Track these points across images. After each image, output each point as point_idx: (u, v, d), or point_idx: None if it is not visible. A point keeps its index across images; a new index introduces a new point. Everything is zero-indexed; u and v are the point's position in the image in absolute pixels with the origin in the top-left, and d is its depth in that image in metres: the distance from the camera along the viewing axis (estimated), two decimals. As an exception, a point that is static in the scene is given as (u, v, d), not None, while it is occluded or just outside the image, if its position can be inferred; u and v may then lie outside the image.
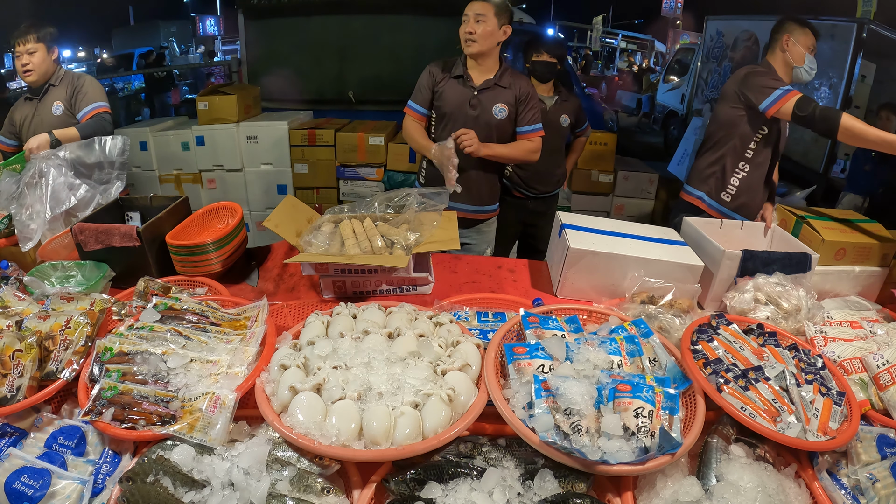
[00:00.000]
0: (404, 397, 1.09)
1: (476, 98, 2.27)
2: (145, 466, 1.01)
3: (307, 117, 4.41)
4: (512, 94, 2.28)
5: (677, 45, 14.06)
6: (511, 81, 2.29)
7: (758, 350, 1.29)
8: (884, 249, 1.77)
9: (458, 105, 2.29)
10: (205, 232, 1.90)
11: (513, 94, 2.28)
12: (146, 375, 1.17)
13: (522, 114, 2.30)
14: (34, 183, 1.96)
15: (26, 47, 2.37)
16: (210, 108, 3.95)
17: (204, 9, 19.15)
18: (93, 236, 1.70)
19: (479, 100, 2.27)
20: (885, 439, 1.14)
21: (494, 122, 2.28)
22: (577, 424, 1.03)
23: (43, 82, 2.47)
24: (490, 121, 2.27)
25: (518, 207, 3.02)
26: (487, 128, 2.28)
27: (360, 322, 1.35)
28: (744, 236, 1.97)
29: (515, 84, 2.29)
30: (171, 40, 16.35)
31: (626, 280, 1.66)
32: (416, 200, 1.83)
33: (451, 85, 2.31)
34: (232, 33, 16.51)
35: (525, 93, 2.29)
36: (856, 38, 4.35)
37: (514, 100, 2.28)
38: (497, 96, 2.27)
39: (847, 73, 4.42)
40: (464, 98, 2.28)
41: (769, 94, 2.01)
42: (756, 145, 2.18)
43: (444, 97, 2.31)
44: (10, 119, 2.58)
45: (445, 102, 2.31)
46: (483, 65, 2.28)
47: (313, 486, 1.01)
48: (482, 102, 2.27)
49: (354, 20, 4.61)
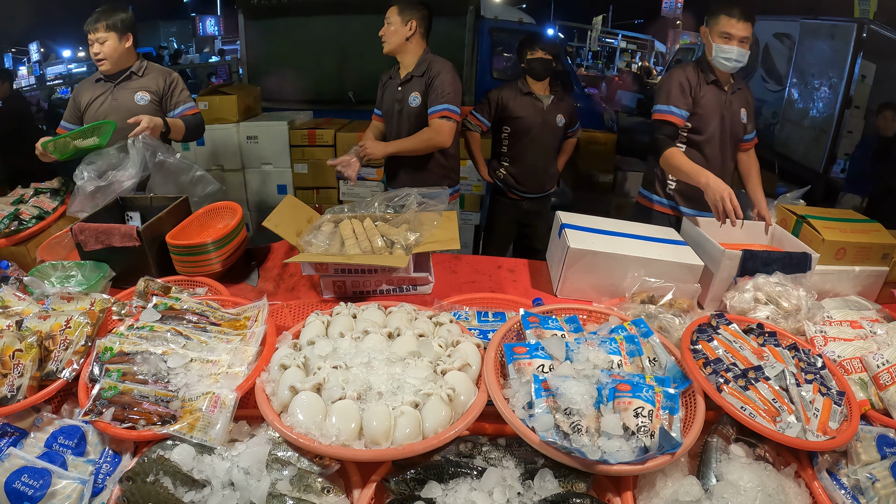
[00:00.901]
0: (404, 397, 1.09)
1: (400, 92, 2.41)
2: (145, 466, 1.01)
3: (307, 117, 4.41)
4: (423, 81, 2.35)
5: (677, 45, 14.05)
6: (426, 68, 2.35)
7: (758, 350, 1.29)
8: (884, 249, 1.77)
9: (390, 103, 2.47)
10: (205, 232, 1.90)
11: (424, 81, 2.35)
12: (146, 375, 1.17)
13: (431, 96, 2.34)
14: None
15: (96, 36, 2.29)
16: (210, 108, 3.94)
17: (204, 9, 19.13)
18: (93, 236, 1.70)
19: (402, 94, 2.40)
20: (884, 439, 1.14)
21: (414, 111, 2.38)
22: (577, 424, 1.03)
23: (119, 69, 2.37)
24: (410, 112, 2.39)
25: (513, 208, 3.03)
26: (409, 119, 2.40)
27: (360, 322, 1.35)
28: (744, 236, 1.97)
29: (430, 69, 2.35)
30: (170, 40, 16.36)
31: (626, 280, 1.66)
32: (416, 200, 1.83)
33: (388, 85, 2.49)
34: (232, 33, 16.50)
35: (434, 74, 2.33)
36: (856, 38, 4.34)
37: (424, 86, 2.35)
38: (413, 86, 2.37)
39: (847, 73, 4.42)
40: (392, 95, 2.44)
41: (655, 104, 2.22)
42: (684, 140, 2.25)
43: (383, 98, 2.52)
44: (75, 102, 2.45)
45: (384, 102, 2.51)
46: (404, 60, 2.40)
47: (313, 485, 1.01)
48: (404, 95, 2.39)
49: (354, 20, 4.61)
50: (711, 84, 2.18)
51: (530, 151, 2.88)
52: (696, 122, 2.19)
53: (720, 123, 2.20)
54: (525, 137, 2.86)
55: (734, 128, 2.23)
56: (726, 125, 2.21)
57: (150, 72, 2.43)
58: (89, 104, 2.39)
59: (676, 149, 2.12)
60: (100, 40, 2.29)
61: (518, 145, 2.89)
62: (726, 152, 2.26)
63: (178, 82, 2.46)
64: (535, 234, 3.02)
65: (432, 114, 2.31)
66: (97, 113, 2.36)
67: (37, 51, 12.67)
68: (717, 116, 2.19)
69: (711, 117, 2.18)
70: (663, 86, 2.23)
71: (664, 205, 2.37)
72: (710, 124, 2.19)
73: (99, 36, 2.28)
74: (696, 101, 2.17)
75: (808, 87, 4.83)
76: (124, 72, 2.38)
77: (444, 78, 2.31)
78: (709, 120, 2.18)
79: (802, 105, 4.92)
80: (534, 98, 2.81)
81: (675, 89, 2.16)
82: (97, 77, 2.42)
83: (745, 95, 2.27)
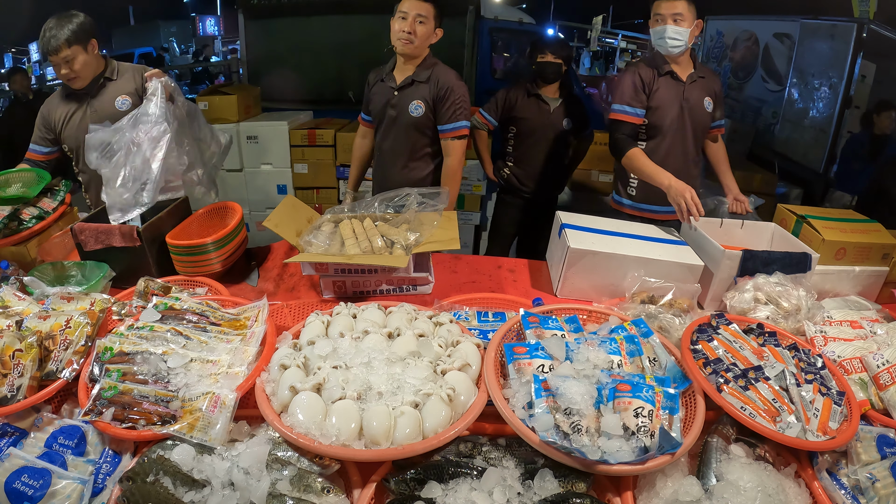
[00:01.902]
0: (404, 397, 1.09)
1: (396, 97, 2.22)
2: (145, 466, 1.01)
3: (307, 117, 4.41)
4: (429, 90, 2.17)
5: (677, 45, 14.02)
6: (430, 75, 2.18)
7: (758, 350, 1.29)
8: (884, 249, 1.77)
9: (381, 108, 2.27)
10: (205, 232, 1.90)
11: (430, 90, 2.17)
12: (146, 375, 1.17)
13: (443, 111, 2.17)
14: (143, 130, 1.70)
15: (61, 56, 2.01)
16: (210, 109, 3.94)
17: (204, 9, 19.13)
18: (93, 236, 1.70)
19: (399, 99, 2.22)
20: (884, 439, 1.14)
21: (412, 121, 2.21)
22: (577, 424, 1.03)
23: (92, 80, 2.15)
24: (409, 121, 2.22)
25: (517, 208, 3.03)
26: (405, 129, 2.24)
27: (359, 322, 1.35)
28: (744, 236, 1.97)
29: (438, 78, 2.17)
30: (171, 41, 16.35)
31: (626, 280, 1.66)
32: (416, 200, 1.83)
33: (378, 87, 2.30)
34: (232, 33, 16.50)
35: (445, 85, 2.16)
36: (856, 38, 4.34)
37: (431, 96, 2.17)
38: (415, 93, 2.20)
39: (847, 73, 4.41)
40: (386, 99, 2.25)
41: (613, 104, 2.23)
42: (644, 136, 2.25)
43: (371, 100, 2.32)
44: (44, 121, 2.19)
45: (373, 105, 2.32)
46: (408, 63, 2.21)
47: (313, 485, 1.01)
48: (402, 102, 2.22)
49: (354, 20, 4.61)
50: (666, 76, 2.18)
51: (535, 152, 2.89)
52: (653, 116, 2.20)
53: (679, 115, 2.20)
54: (530, 138, 2.87)
55: (696, 117, 2.22)
56: (686, 116, 2.20)
57: (122, 72, 2.22)
58: (65, 121, 2.18)
59: (638, 149, 2.14)
60: (66, 59, 2.02)
61: (523, 146, 2.90)
62: (688, 143, 2.25)
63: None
64: (538, 235, 3.02)
65: (449, 131, 2.19)
66: (78, 128, 2.15)
67: (37, 51, 12.67)
68: (675, 108, 2.19)
69: (668, 109, 2.18)
70: (617, 86, 2.25)
71: (632, 207, 2.37)
72: (667, 117, 2.19)
73: (64, 55, 2.01)
74: (651, 95, 2.18)
75: (808, 87, 4.82)
76: (97, 80, 2.16)
77: (459, 92, 2.17)
78: (665, 112, 2.19)
79: (802, 105, 4.92)
80: (540, 100, 2.82)
81: (628, 88, 2.17)
82: (66, 92, 2.18)
83: (708, 84, 2.24)
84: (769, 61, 5.40)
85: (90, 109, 2.18)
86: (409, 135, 2.25)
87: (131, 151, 1.72)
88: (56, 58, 2.02)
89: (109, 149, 1.74)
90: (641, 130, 2.24)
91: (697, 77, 2.22)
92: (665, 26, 2.08)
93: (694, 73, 2.21)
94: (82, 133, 2.13)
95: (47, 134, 2.21)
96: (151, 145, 1.72)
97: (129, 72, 2.24)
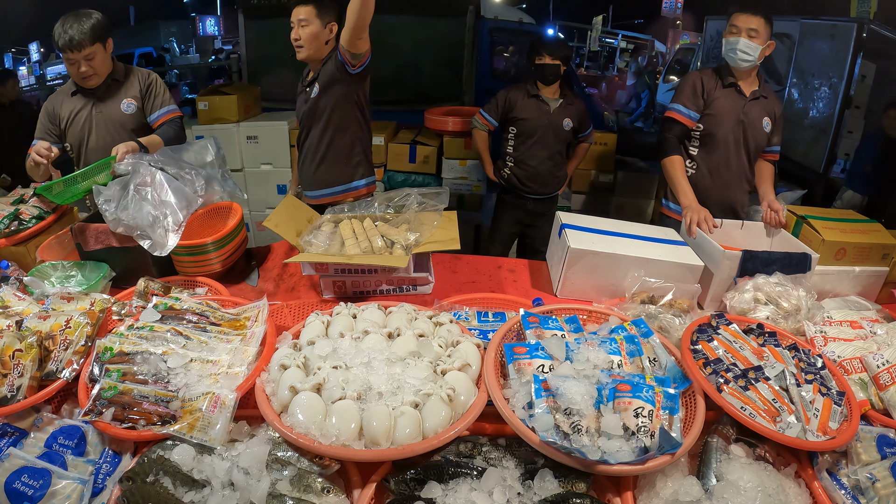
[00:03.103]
0: (404, 397, 1.09)
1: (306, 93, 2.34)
2: (145, 466, 1.01)
3: (307, 117, 4.40)
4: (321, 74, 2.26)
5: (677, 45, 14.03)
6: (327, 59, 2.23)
7: (758, 350, 1.29)
8: (884, 249, 1.77)
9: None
10: (205, 232, 1.89)
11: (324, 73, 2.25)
12: (146, 375, 1.17)
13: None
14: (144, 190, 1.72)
15: (84, 53, 1.98)
16: (210, 108, 3.94)
17: (204, 9, 19.12)
18: (93, 236, 1.70)
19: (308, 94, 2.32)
20: (884, 439, 1.14)
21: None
22: (577, 424, 1.03)
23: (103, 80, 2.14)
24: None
25: (517, 208, 3.03)
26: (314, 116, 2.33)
27: (359, 322, 1.35)
28: (744, 236, 1.97)
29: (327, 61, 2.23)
30: (171, 41, 16.34)
31: (626, 280, 1.66)
32: (416, 200, 1.83)
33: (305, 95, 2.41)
34: (232, 33, 16.49)
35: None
36: (856, 38, 4.34)
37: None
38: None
39: (847, 73, 4.41)
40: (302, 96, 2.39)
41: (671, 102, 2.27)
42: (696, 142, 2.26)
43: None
44: (50, 116, 2.17)
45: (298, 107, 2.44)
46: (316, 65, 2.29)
47: (313, 485, 1.01)
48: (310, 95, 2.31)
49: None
50: (729, 87, 2.19)
51: (535, 153, 2.90)
52: (708, 123, 2.20)
53: (735, 128, 2.19)
54: (530, 139, 2.88)
55: (753, 134, 2.21)
56: (742, 130, 2.20)
57: (129, 75, 2.22)
58: (71, 119, 2.16)
59: (679, 158, 2.17)
60: (88, 56, 2.00)
61: (523, 146, 2.91)
62: (742, 158, 2.24)
63: (156, 83, 2.25)
64: (539, 234, 3.02)
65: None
66: (82, 127, 2.15)
67: (37, 51, 12.66)
68: (732, 120, 2.18)
69: (724, 120, 2.18)
70: (678, 86, 2.27)
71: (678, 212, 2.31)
72: (721, 127, 2.19)
73: (87, 52, 1.99)
74: (710, 103, 2.18)
75: (808, 87, 4.82)
76: (106, 80, 2.15)
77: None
78: (721, 122, 2.18)
79: (802, 105, 4.92)
80: (540, 101, 2.83)
81: (688, 89, 2.20)
82: (72, 89, 2.17)
83: (770, 105, 2.25)
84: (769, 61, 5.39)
85: (95, 110, 2.17)
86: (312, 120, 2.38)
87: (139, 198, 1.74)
88: (76, 55, 1.99)
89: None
90: (694, 136, 2.24)
91: (760, 95, 2.22)
92: (738, 38, 2.09)
93: (757, 91, 2.22)
94: (86, 132, 2.16)
95: (53, 129, 2.19)
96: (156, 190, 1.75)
97: (134, 74, 2.24)
